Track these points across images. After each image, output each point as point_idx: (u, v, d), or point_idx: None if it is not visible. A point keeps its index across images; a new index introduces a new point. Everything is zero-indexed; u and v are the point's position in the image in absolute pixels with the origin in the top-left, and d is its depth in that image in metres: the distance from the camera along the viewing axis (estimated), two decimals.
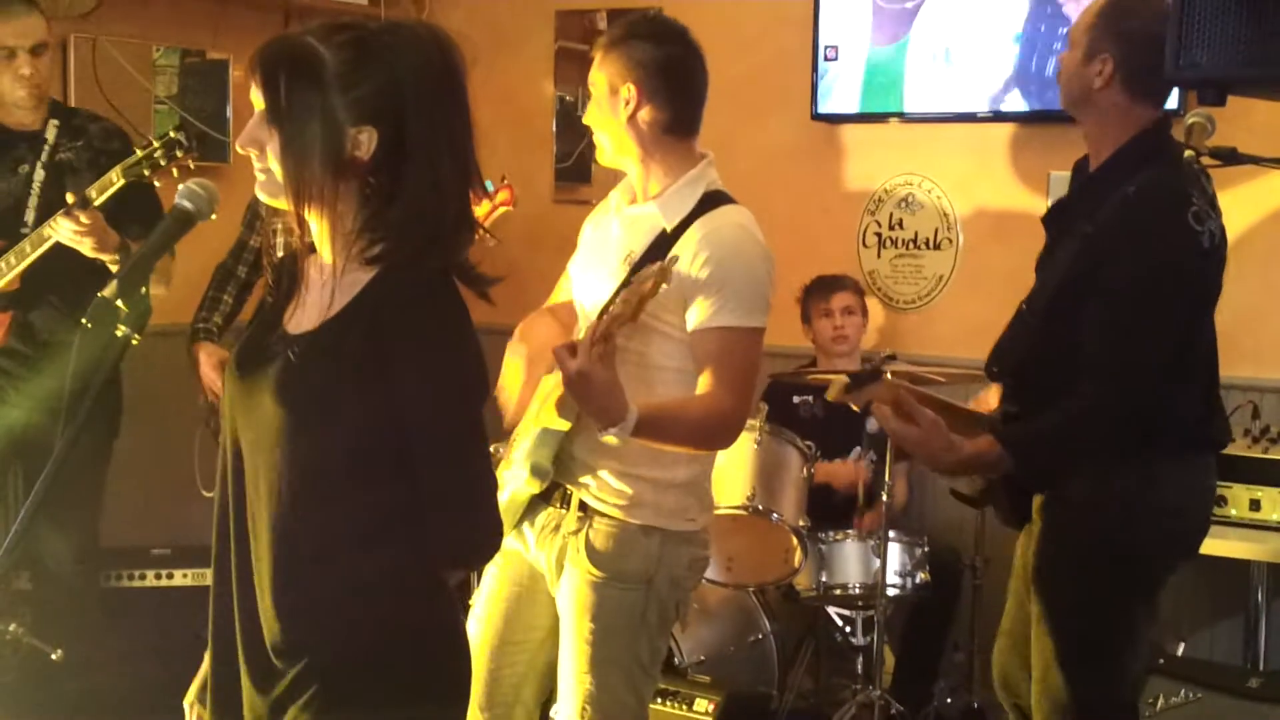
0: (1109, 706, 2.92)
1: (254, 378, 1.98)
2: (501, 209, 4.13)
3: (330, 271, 1.97)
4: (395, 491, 1.91)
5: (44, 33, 3.76)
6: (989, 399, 3.10)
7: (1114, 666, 2.89)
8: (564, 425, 2.71)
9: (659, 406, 2.60)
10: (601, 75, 2.79)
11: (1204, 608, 4.24)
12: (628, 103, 2.76)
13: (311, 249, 2.00)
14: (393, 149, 1.92)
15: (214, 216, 2.11)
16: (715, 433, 2.69)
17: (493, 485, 2.02)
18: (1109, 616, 2.88)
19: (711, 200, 2.76)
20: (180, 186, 2.09)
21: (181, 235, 2.09)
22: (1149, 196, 2.75)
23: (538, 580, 2.86)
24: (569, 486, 2.78)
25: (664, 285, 2.43)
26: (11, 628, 3.01)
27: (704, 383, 2.65)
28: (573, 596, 2.77)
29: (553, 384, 2.75)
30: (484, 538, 1.99)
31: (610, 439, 2.52)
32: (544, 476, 2.75)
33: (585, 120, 2.87)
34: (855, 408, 2.98)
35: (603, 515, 2.75)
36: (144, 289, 1.99)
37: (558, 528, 2.79)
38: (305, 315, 2.00)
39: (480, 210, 3.04)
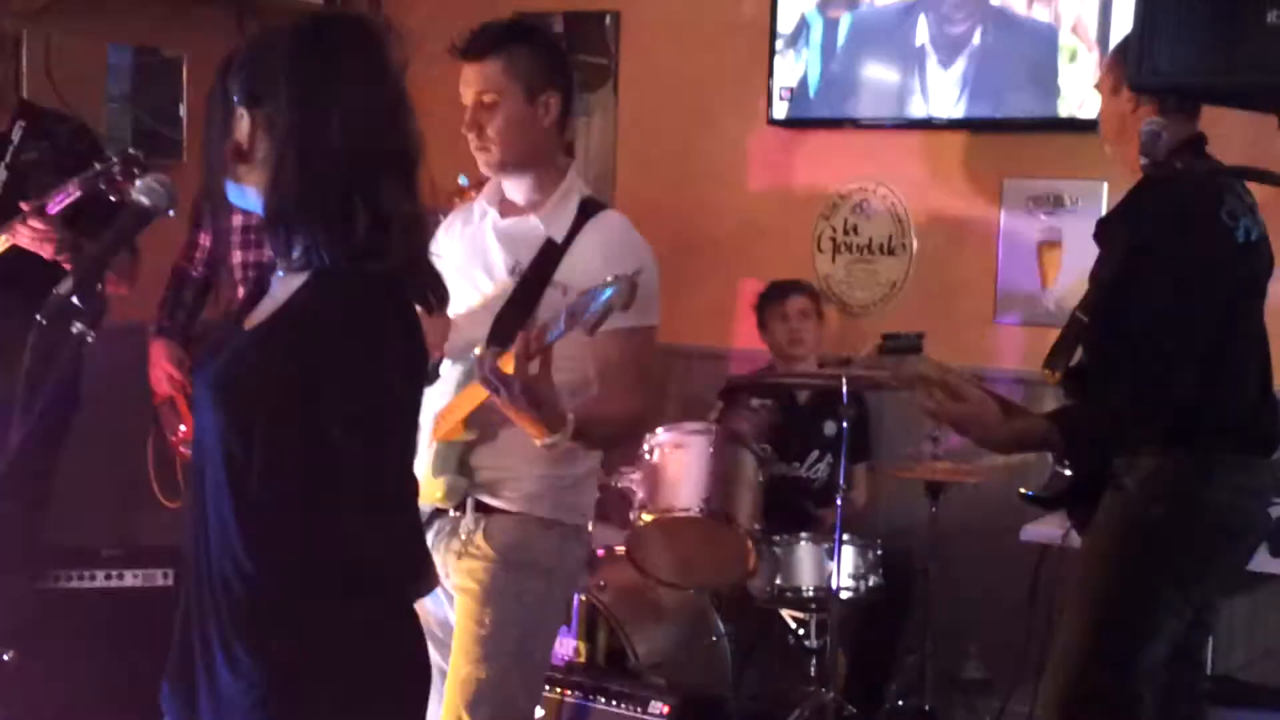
0: (1117, 694, 2.99)
1: (203, 373, 1.97)
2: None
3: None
4: (319, 504, 1.88)
5: None
6: None
7: (1130, 654, 2.97)
8: (468, 437, 2.74)
9: (588, 410, 2.64)
10: (515, 83, 2.75)
11: None
12: (547, 109, 2.79)
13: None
14: (269, 136, 1.91)
15: (172, 213, 2.10)
16: (634, 431, 2.82)
17: (410, 503, 1.99)
18: (1137, 604, 2.97)
19: (590, 207, 2.83)
20: (137, 182, 2.08)
21: (138, 231, 2.08)
22: (1183, 196, 2.92)
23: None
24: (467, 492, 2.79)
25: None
26: None
27: (613, 384, 2.72)
28: (471, 584, 2.75)
29: (451, 397, 2.75)
30: (401, 555, 1.97)
31: (549, 445, 2.55)
32: (461, 491, 2.76)
33: (491, 130, 2.77)
34: (900, 384, 3.07)
35: (503, 512, 2.77)
36: (100, 285, 1.98)
37: (455, 530, 2.79)
38: (259, 314, 1.98)
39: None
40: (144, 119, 4.92)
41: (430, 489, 2.73)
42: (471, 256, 2.86)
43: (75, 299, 1.95)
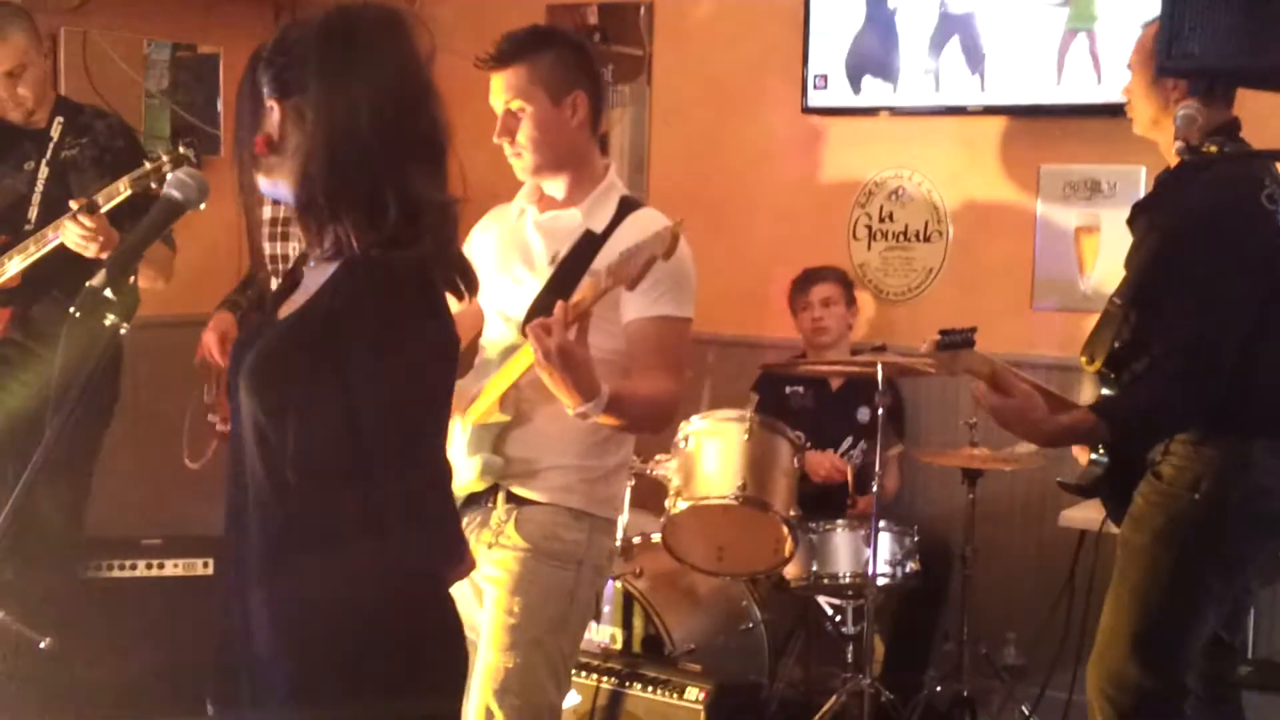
0: (1163, 683, 3.00)
1: (238, 362, 1.99)
2: None
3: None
4: (354, 490, 1.89)
5: (20, 56, 3.76)
6: None
7: (1175, 643, 2.98)
8: (503, 419, 2.76)
9: (622, 386, 2.65)
10: (539, 88, 2.79)
11: None
12: (575, 110, 2.81)
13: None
14: (299, 127, 1.92)
15: (203, 206, 2.11)
16: (663, 415, 2.78)
17: (444, 488, 2.00)
18: (1180, 592, 2.96)
19: (630, 203, 2.87)
20: (169, 176, 2.10)
21: (169, 225, 2.09)
22: (1222, 181, 2.91)
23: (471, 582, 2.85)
24: (498, 482, 2.80)
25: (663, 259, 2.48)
26: (0, 615, 3.01)
27: (645, 368, 2.74)
28: (501, 574, 2.77)
29: (484, 382, 2.77)
30: (437, 540, 1.98)
31: (581, 414, 2.54)
32: (497, 470, 2.77)
33: (521, 137, 2.81)
34: (950, 374, 3.06)
35: (534, 503, 2.79)
36: (132, 278, 2.00)
37: (486, 522, 2.81)
38: (292, 305, 2.00)
39: None
40: (182, 114, 4.97)
41: (465, 470, 2.75)
42: (511, 250, 2.89)
43: (108, 292, 1.97)
